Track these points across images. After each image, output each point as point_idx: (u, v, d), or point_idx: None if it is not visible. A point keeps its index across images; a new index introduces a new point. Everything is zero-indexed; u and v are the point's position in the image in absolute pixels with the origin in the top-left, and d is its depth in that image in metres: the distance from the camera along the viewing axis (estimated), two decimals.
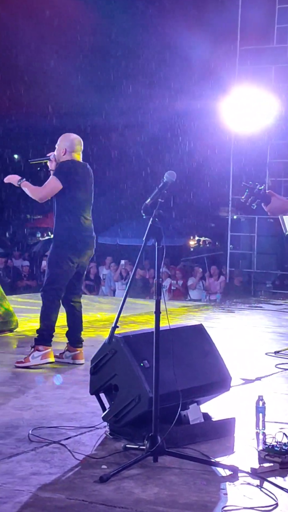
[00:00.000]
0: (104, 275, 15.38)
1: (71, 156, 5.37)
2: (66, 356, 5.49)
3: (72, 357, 5.46)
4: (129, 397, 3.49)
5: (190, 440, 3.49)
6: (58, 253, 5.31)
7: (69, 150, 5.36)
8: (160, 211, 3.38)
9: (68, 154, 5.36)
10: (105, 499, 2.82)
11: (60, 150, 5.38)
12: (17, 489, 2.91)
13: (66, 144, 5.38)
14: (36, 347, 5.30)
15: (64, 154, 5.36)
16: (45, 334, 5.31)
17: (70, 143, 5.38)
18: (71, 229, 5.30)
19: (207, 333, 3.97)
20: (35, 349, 5.30)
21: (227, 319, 8.71)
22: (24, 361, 5.28)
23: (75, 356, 5.45)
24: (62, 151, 5.37)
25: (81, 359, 5.42)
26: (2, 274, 14.78)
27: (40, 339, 5.31)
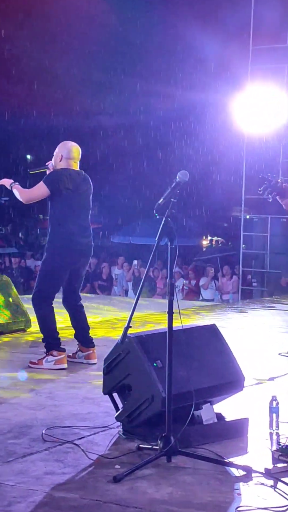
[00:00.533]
0: (117, 275, 15.39)
1: (67, 163, 5.37)
2: (79, 356, 5.50)
3: (85, 357, 5.47)
4: (142, 397, 3.49)
5: (203, 440, 3.49)
6: (50, 263, 5.30)
7: (65, 156, 5.37)
8: (173, 211, 3.38)
9: (64, 161, 5.37)
10: (118, 499, 2.82)
11: (57, 157, 5.41)
12: (31, 489, 2.92)
13: (63, 151, 5.39)
14: (50, 352, 5.30)
15: (60, 160, 5.37)
16: (50, 342, 5.31)
17: (67, 150, 5.39)
18: (63, 238, 5.28)
19: (220, 333, 3.97)
20: (49, 354, 5.30)
21: (240, 319, 8.69)
22: (38, 363, 5.29)
23: (88, 356, 5.46)
24: (58, 158, 5.39)
25: (94, 359, 5.43)
26: (15, 274, 14.83)
27: (49, 346, 5.32)
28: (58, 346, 5.31)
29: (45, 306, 5.31)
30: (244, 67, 12.50)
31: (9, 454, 3.34)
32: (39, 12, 18.79)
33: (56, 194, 5.28)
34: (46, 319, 5.31)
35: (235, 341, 5.52)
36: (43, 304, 5.30)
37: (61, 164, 5.38)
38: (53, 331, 5.33)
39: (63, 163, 5.38)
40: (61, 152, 5.40)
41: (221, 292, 14.00)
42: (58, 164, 5.39)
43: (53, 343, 5.29)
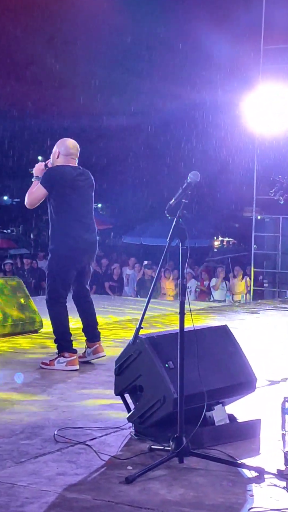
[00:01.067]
0: (128, 275, 15.40)
1: (64, 159, 5.35)
2: (88, 354, 5.50)
3: (92, 352, 5.47)
4: (154, 398, 3.49)
5: (215, 441, 3.48)
6: (55, 264, 5.30)
7: (62, 153, 5.35)
8: (184, 212, 3.37)
9: (62, 157, 5.35)
10: (131, 500, 2.82)
11: (54, 154, 5.39)
12: (44, 490, 2.92)
13: (60, 148, 5.37)
14: (61, 353, 5.30)
15: (58, 157, 5.35)
16: (62, 343, 5.31)
17: (64, 147, 5.37)
18: (64, 237, 5.27)
19: (232, 334, 3.96)
20: (60, 355, 5.30)
21: (251, 319, 8.67)
22: (49, 364, 5.29)
23: (95, 350, 5.45)
24: (56, 155, 5.38)
25: (101, 352, 5.42)
26: (27, 275, 14.87)
27: (61, 347, 5.32)
28: (70, 348, 5.31)
29: (58, 307, 5.31)
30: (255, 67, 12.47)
31: (22, 454, 3.35)
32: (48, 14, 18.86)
33: (53, 193, 5.26)
34: (59, 320, 5.32)
35: (246, 342, 5.51)
36: (55, 305, 5.31)
37: (59, 161, 5.35)
38: (66, 332, 5.33)
39: (60, 160, 5.35)
40: (58, 149, 5.38)
41: (232, 292, 13.97)
42: (56, 161, 5.37)
43: (65, 345, 5.30)
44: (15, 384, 4.82)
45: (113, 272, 15.36)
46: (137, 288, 14.50)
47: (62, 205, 5.28)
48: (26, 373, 5.16)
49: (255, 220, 13.31)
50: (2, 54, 20.54)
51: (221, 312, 9.24)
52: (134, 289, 15.07)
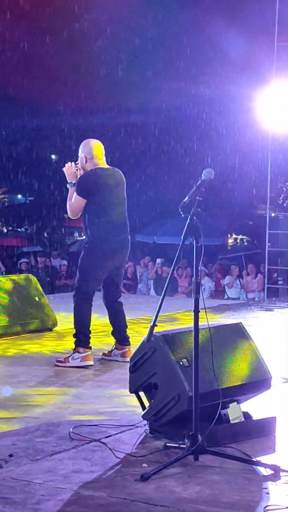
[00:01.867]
0: (141, 273, 15.41)
1: (92, 163, 5.38)
2: (115, 354, 5.53)
3: (120, 355, 5.50)
4: (169, 396, 3.49)
5: (230, 439, 3.48)
6: (89, 259, 5.34)
7: (89, 157, 5.38)
8: (198, 209, 3.36)
9: (90, 161, 5.39)
10: (146, 498, 2.83)
11: (82, 159, 5.42)
12: (59, 487, 2.93)
13: (85, 152, 5.40)
14: (76, 349, 5.35)
15: (86, 162, 5.40)
16: (81, 337, 5.35)
17: (89, 150, 5.40)
18: (100, 235, 5.31)
19: (247, 332, 3.95)
20: (75, 351, 5.34)
21: (265, 317, 8.64)
22: (64, 361, 5.33)
23: (123, 354, 5.48)
24: (83, 160, 5.41)
25: (129, 357, 5.43)
26: (41, 274, 14.91)
27: (78, 342, 5.36)
28: (87, 344, 5.35)
29: (84, 303, 5.36)
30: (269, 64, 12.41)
31: (37, 452, 3.36)
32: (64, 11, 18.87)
33: (89, 198, 5.33)
34: (83, 316, 5.37)
35: (261, 339, 5.49)
36: (82, 301, 5.35)
37: (88, 166, 5.40)
38: (86, 329, 5.38)
39: (89, 164, 5.39)
40: (83, 153, 5.41)
41: (246, 290, 13.94)
42: (85, 166, 5.42)
43: (83, 340, 5.34)
44: (30, 381, 4.84)
45: (127, 270, 15.37)
46: (154, 286, 14.50)
47: (96, 207, 5.34)
48: (40, 371, 5.18)
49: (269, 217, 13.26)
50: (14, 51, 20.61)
51: (235, 310, 9.22)
52: (148, 287, 15.07)
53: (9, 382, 4.82)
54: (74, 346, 5.38)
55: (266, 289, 13.13)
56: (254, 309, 9.44)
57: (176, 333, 3.65)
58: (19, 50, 20.41)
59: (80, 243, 22.54)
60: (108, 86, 20.41)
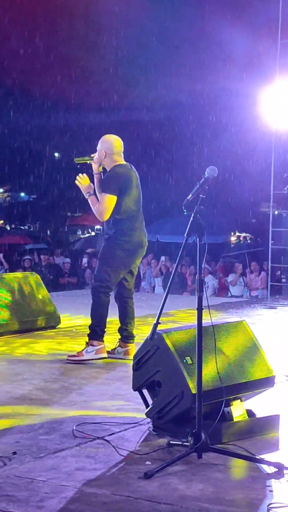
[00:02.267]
0: (145, 271, 15.40)
1: (111, 159, 5.38)
2: (118, 352, 5.54)
3: (123, 352, 5.51)
4: (172, 394, 3.49)
5: (234, 437, 3.47)
6: (111, 253, 5.36)
7: (108, 152, 5.38)
8: (201, 207, 3.36)
9: (108, 157, 5.38)
10: (150, 495, 2.83)
11: (101, 154, 5.41)
12: (63, 485, 2.93)
13: (105, 147, 5.40)
14: (90, 342, 5.38)
15: (105, 157, 5.39)
16: (97, 330, 5.38)
17: (109, 145, 5.40)
18: (127, 231, 5.35)
19: (250, 329, 3.94)
20: (89, 344, 5.37)
21: (269, 315, 8.63)
22: (78, 355, 5.35)
23: (126, 352, 5.49)
24: (102, 155, 5.40)
25: (132, 355, 5.45)
26: (44, 271, 14.92)
27: (93, 334, 5.38)
28: (101, 337, 5.39)
29: (103, 296, 5.38)
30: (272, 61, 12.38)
31: (41, 450, 3.36)
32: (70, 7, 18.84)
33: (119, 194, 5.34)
34: (100, 309, 5.39)
35: (264, 337, 5.49)
36: (101, 294, 5.37)
37: (106, 161, 5.39)
38: (103, 322, 5.40)
39: (107, 160, 5.39)
40: (103, 149, 5.40)
41: (249, 288, 13.93)
42: (103, 161, 5.41)
43: (98, 333, 5.37)
44: (34, 379, 4.84)
45: None
46: (163, 283, 14.49)
47: (121, 204, 5.34)
48: (44, 369, 5.18)
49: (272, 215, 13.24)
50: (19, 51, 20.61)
51: (238, 308, 9.21)
52: (151, 285, 15.06)
53: (13, 380, 4.82)
54: (88, 338, 5.40)
55: (269, 287, 13.12)
56: (257, 307, 9.44)
57: (180, 331, 3.65)
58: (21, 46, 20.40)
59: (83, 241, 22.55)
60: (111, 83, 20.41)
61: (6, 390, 4.52)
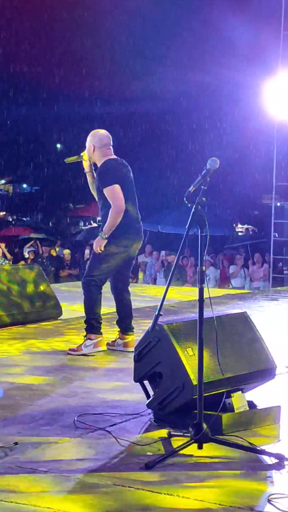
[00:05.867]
0: (144, 262, 15.39)
1: (100, 152, 5.36)
2: (118, 344, 5.54)
3: (123, 344, 5.51)
4: (173, 385, 3.49)
5: (235, 428, 3.48)
6: (105, 247, 5.33)
7: (97, 146, 5.36)
8: (203, 199, 3.35)
9: (98, 151, 5.36)
10: (151, 486, 2.83)
11: (90, 149, 5.39)
12: (64, 475, 2.94)
13: (94, 141, 5.38)
14: (88, 335, 5.37)
15: (94, 151, 5.37)
16: (93, 323, 5.38)
17: (97, 139, 5.38)
18: (119, 223, 5.29)
19: (251, 321, 3.94)
20: (87, 338, 5.37)
21: (270, 307, 8.64)
22: (77, 349, 5.35)
23: (126, 344, 5.49)
24: (91, 149, 5.38)
25: (132, 347, 5.45)
26: (46, 263, 14.94)
27: (90, 328, 5.38)
28: (98, 330, 5.39)
29: (95, 290, 5.36)
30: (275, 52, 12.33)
31: (42, 440, 3.37)
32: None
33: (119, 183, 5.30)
34: (93, 303, 5.38)
35: (266, 328, 5.49)
36: (93, 288, 5.36)
37: (96, 155, 5.38)
38: (97, 315, 5.40)
39: (97, 154, 5.37)
40: (92, 143, 5.39)
41: (252, 279, 13.94)
42: (93, 155, 5.39)
43: (94, 326, 5.37)
44: (36, 370, 4.85)
45: None
46: (164, 275, 14.49)
47: None
48: (46, 360, 5.19)
49: (274, 207, 13.23)
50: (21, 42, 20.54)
51: (240, 299, 9.21)
52: (152, 277, 15.06)
53: (14, 371, 4.83)
54: (85, 333, 5.40)
55: (271, 278, 13.12)
56: (259, 299, 9.44)
57: (181, 322, 3.65)
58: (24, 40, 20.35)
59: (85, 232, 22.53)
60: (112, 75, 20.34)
61: (8, 381, 4.53)
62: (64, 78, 21.65)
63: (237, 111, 18.32)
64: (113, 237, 5.30)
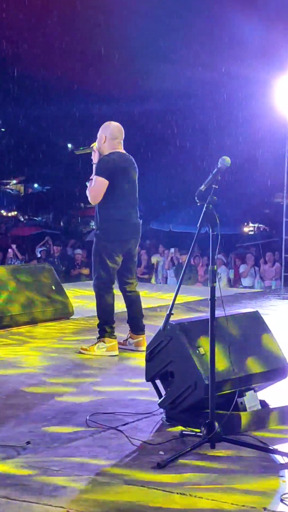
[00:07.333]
0: (158, 262, 15.39)
1: (111, 144, 5.34)
2: (129, 343, 5.53)
3: (134, 344, 5.51)
4: (185, 384, 3.49)
5: (247, 427, 3.47)
6: (102, 246, 5.32)
7: (109, 137, 5.34)
8: (214, 198, 3.34)
9: (108, 142, 5.34)
10: (163, 485, 2.83)
11: (101, 139, 5.38)
12: (76, 474, 2.95)
13: (106, 132, 5.37)
14: (101, 339, 5.35)
15: (104, 142, 5.34)
16: (105, 328, 5.35)
17: (110, 130, 5.37)
18: (114, 220, 5.29)
19: (263, 320, 3.93)
20: (100, 340, 5.34)
21: (282, 306, 8.60)
22: (89, 349, 5.34)
23: (137, 343, 5.49)
24: (102, 140, 5.36)
25: (143, 346, 5.44)
26: (57, 262, 14.96)
27: (103, 332, 5.35)
28: (112, 334, 5.36)
29: (105, 293, 5.34)
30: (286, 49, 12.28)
31: (54, 440, 3.38)
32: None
33: (110, 181, 5.28)
34: (105, 306, 5.36)
35: (278, 328, 5.47)
36: (102, 291, 5.34)
37: (105, 146, 5.35)
38: (110, 319, 5.37)
39: (107, 145, 5.35)
40: (104, 133, 5.38)
41: (263, 278, 13.89)
42: (103, 146, 5.37)
43: (107, 330, 5.34)
44: (48, 370, 4.86)
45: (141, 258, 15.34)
46: (175, 274, 14.47)
47: (114, 192, 5.29)
48: (58, 360, 5.20)
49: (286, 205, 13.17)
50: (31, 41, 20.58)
51: (252, 299, 9.19)
52: (163, 276, 15.05)
53: (26, 370, 4.84)
54: (99, 335, 5.38)
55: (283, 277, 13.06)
56: (271, 298, 9.40)
57: (192, 322, 3.65)
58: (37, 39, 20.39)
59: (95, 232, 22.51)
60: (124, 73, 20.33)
61: (20, 380, 4.54)
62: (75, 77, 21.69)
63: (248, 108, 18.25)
64: (110, 235, 5.28)
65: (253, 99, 16.56)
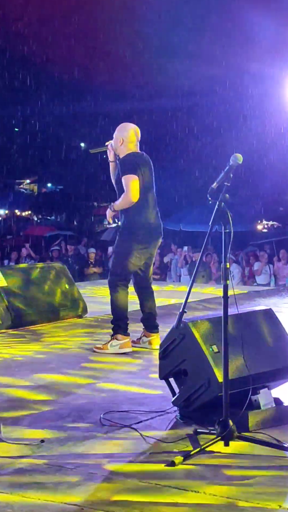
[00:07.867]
0: (171, 261, 15.39)
1: (127, 146, 5.35)
2: (143, 341, 5.55)
3: (148, 342, 5.52)
4: (199, 382, 3.49)
5: (261, 425, 3.47)
6: (126, 245, 5.33)
7: (126, 140, 5.36)
8: (226, 195, 3.34)
9: (125, 144, 5.35)
10: (177, 483, 2.84)
11: (117, 141, 5.38)
12: (91, 472, 2.96)
13: (122, 134, 5.37)
14: (114, 336, 5.36)
15: (121, 144, 5.36)
16: (120, 324, 5.36)
17: (126, 133, 5.37)
18: (138, 220, 5.30)
19: (277, 318, 3.92)
20: (113, 338, 5.36)
21: None
22: (102, 348, 5.35)
23: (151, 342, 5.50)
24: (119, 142, 5.37)
25: (157, 344, 5.45)
26: (70, 262, 15.00)
27: (116, 329, 5.37)
28: (125, 331, 5.37)
29: (120, 290, 5.36)
30: None
31: (69, 438, 3.39)
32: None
33: None
34: (119, 303, 5.38)
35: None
36: (118, 288, 5.36)
37: (122, 149, 5.37)
38: (124, 316, 5.39)
39: (124, 148, 5.36)
40: (120, 135, 5.38)
41: (277, 276, 13.84)
42: (119, 148, 5.38)
43: (121, 327, 5.36)
44: (62, 368, 4.88)
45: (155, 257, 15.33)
46: (188, 272, 14.46)
47: None
48: (71, 358, 5.22)
49: None
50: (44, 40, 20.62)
51: (265, 296, 9.16)
52: (177, 274, 15.05)
53: (40, 368, 4.87)
54: (112, 332, 5.40)
55: None
56: (284, 295, 9.37)
57: (206, 319, 3.65)
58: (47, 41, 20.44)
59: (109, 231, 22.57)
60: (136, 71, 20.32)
61: (34, 379, 4.56)
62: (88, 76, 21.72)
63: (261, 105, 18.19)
64: (134, 234, 5.30)
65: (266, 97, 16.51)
